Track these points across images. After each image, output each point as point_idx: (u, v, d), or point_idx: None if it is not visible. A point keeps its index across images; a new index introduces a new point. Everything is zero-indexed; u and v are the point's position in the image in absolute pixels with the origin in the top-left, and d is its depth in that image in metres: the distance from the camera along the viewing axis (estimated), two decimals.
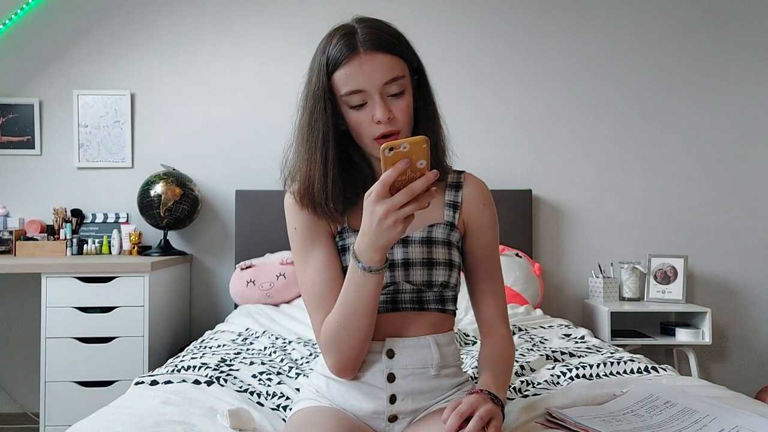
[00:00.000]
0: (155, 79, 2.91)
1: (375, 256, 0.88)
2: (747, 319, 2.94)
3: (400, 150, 0.80)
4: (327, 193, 0.98)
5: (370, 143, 0.99)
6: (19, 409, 2.82)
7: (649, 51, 2.96)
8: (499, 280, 1.10)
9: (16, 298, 2.84)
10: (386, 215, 0.82)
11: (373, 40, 0.94)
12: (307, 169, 1.00)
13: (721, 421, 1.01)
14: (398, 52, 0.96)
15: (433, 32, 2.92)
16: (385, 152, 0.81)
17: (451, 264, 1.04)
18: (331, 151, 0.98)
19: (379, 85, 0.94)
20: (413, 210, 0.83)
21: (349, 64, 0.94)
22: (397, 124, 0.97)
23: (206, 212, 2.90)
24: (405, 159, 0.81)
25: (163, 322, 2.49)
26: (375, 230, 0.84)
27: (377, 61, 0.94)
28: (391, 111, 0.95)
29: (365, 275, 0.90)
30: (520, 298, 2.46)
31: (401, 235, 0.85)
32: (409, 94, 0.98)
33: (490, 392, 0.91)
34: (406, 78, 0.97)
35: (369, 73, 0.94)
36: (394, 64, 0.95)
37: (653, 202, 2.96)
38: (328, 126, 0.98)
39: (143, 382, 1.41)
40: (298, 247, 1.04)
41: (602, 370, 1.52)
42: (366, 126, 0.97)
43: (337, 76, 0.96)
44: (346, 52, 0.94)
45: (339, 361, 0.98)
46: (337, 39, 0.96)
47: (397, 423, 1.01)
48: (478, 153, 2.87)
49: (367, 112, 0.96)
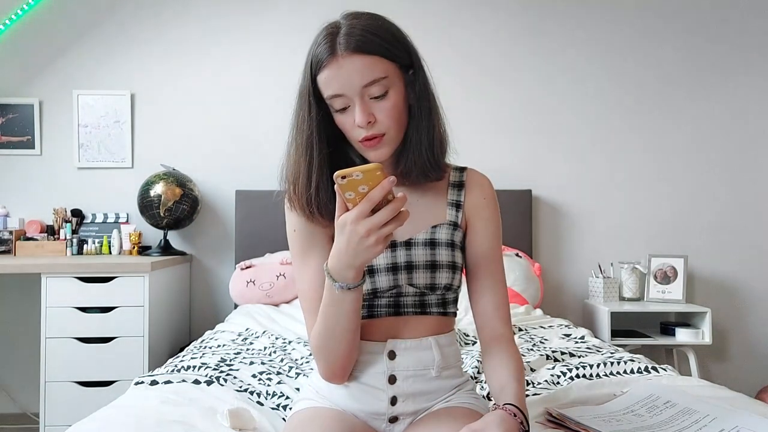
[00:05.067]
0: (155, 79, 2.91)
1: (351, 274, 0.86)
2: (747, 319, 2.94)
3: (353, 178, 0.79)
4: (310, 196, 0.97)
5: (358, 145, 0.98)
6: (19, 409, 2.82)
7: (649, 51, 2.96)
8: (500, 278, 1.06)
9: (16, 298, 2.84)
10: (368, 234, 0.80)
11: (353, 42, 0.91)
12: (294, 171, 0.99)
13: (721, 421, 1.01)
14: (380, 52, 0.92)
15: (434, 31, 2.92)
16: (339, 180, 0.79)
17: (454, 266, 1.03)
18: (316, 154, 0.96)
19: (358, 89, 0.92)
20: (393, 229, 0.81)
21: (328, 67, 0.92)
22: (380, 126, 0.95)
23: (206, 212, 2.90)
24: (392, 177, 0.79)
25: (163, 322, 2.49)
26: (354, 249, 0.82)
27: (355, 64, 0.91)
28: (372, 114, 0.93)
29: (343, 293, 0.89)
30: (520, 298, 2.46)
31: (379, 254, 0.84)
32: (396, 94, 0.95)
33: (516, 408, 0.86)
34: (390, 78, 0.94)
35: (347, 77, 0.91)
36: (374, 65, 0.92)
37: (653, 202, 2.96)
38: (312, 129, 0.96)
39: (143, 382, 1.41)
40: (296, 249, 1.04)
41: (602, 370, 1.52)
42: (350, 129, 0.96)
43: (320, 78, 0.94)
44: (325, 54, 0.92)
45: (326, 368, 0.98)
46: (321, 39, 0.94)
47: (398, 424, 1.01)
48: (478, 153, 2.87)
49: (350, 116, 0.94)
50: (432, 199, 1.07)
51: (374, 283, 1.00)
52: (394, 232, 0.83)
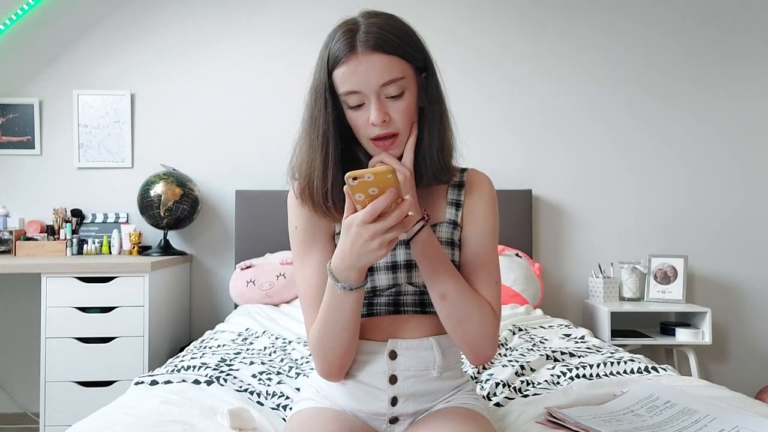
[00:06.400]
0: (155, 79, 2.91)
1: (354, 275, 0.88)
2: (747, 319, 2.94)
3: (364, 180, 0.80)
4: (326, 191, 0.97)
5: (368, 143, 0.98)
6: (19, 409, 2.82)
7: (649, 52, 2.96)
8: (491, 273, 1.03)
9: (16, 298, 2.84)
10: (372, 237, 0.82)
11: (372, 40, 0.92)
12: (308, 166, 0.99)
13: (721, 421, 1.01)
14: (398, 53, 0.94)
15: (434, 31, 2.91)
16: (350, 181, 0.80)
17: (453, 265, 1.03)
18: (332, 149, 0.97)
19: (375, 87, 0.93)
20: (398, 234, 0.83)
21: (346, 63, 0.93)
22: (394, 126, 0.95)
23: (206, 212, 2.90)
24: (392, 188, 0.80)
25: (163, 322, 2.49)
26: (358, 251, 0.84)
27: (374, 62, 0.92)
28: (387, 113, 0.94)
29: (345, 293, 0.90)
30: (520, 298, 2.46)
31: (383, 258, 0.86)
32: (411, 95, 0.96)
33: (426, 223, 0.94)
34: (407, 79, 0.95)
35: (365, 75, 0.92)
36: (393, 65, 0.93)
37: (653, 202, 2.96)
38: (328, 123, 0.96)
39: (143, 382, 1.41)
40: (297, 246, 1.04)
41: (602, 370, 1.52)
42: (362, 127, 0.96)
43: (336, 74, 0.95)
44: (344, 50, 0.93)
45: (324, 366, 0.99)
46: (339, 35, 0.94)
47: (398, 424, 1.01)
48: (479, 153, 2.87)
49: (364, 113, 0.95)
50: (432, 197, 1.07)
51: (374, 281, 1.01)
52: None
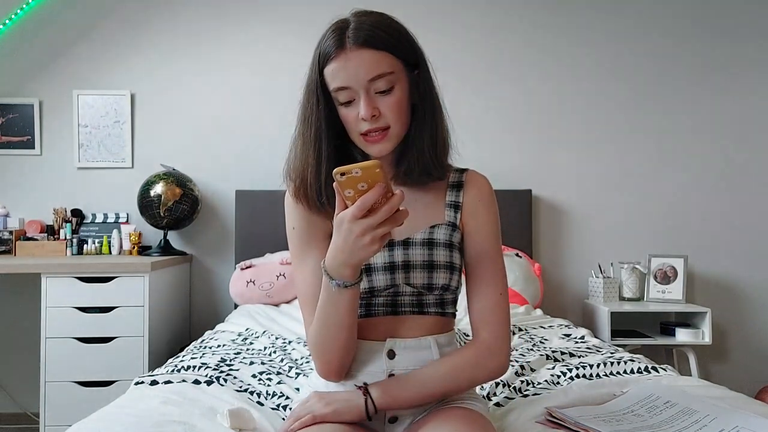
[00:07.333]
0: (155, 79, 2.91)
1: (347, 272, 0.87)
2: (747, 319, 2.94)
3: (352, 175, 0.79)
4: (320, 187, 0.98)
5: (359, 139, 0.99)
6: (19, 409, 2.82)
7: (649, 52, 2.96)
8: (496, 280, 1.03)
9: (16, 298, 2.84)
10: (363, 233, 0.81)
11: (362, 37, 0.93)
12: (302, 164, 1.00)
13: (721, 421, 1.01)
14: (388, 48, 0.94)
15: (434, 30, 2.92)
16: (338, 176, 0.80)
17: (452, 267, 1.03)
18: (324, 146, 0.98)
19: (364, 82, 0.93)
20: (389, 229, 0.82)
21: (336, 60, 0.94)
22: (384, 120, 0.96)
23: (206, 212, 2.90)
24: (381, 183, 0.79)
25: (163, 322, 2.49)
26: (350, 248, 0.83)
27: (363, 57, 0.93)
28: (377, 108, 0.95)
29: (339, 290, 0.89)
30: (520, 298, 2.46)
31: (376, 253, 0.84)
32: (401, 90, 0.96)
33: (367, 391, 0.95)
34: (396, 74, 0.95)
35: (354, 70, 0.93)
36: (381, 60, 0.93)
37: (653, 202, 2.95)
38: (321, 121, 0.97)
39: (143, 382, 1.41)
40: (295, 247, 1.04)
41: (602, 370, 1.52)
42: (353, 122, 0.97)
43: (326, 71, 0.96)
44: (333, 47, 0.94)
45: (323, 366, 0.99)
46: (329, 33, 0.95)
47: (398, 424, 1.01)
48: (478, 153, 2.87)
49: (355, 109, 0.96)
50: (431, 198, 1.07)
51: (371, 281, 1.00)
52: (393, 230, 0.83)
